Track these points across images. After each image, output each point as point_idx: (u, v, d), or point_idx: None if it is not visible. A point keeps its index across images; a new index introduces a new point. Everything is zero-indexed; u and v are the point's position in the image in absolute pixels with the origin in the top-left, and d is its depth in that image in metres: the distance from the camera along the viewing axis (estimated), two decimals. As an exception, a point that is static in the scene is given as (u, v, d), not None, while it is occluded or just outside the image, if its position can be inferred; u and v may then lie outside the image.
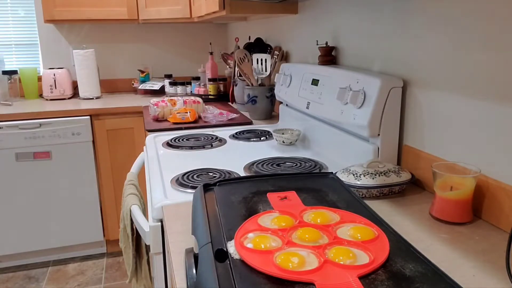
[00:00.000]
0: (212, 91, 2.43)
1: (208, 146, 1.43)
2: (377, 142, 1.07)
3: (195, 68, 2.91)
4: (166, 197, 0.99)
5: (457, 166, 0.86)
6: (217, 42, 2.98)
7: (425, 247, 0.73)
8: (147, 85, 2.75)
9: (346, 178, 0.95)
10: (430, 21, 0.96)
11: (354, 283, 0.50)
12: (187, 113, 1.81)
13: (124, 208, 1.27)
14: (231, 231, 0.63)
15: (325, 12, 1.49)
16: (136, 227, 1.17)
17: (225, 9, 1.61)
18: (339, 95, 1.16)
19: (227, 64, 2.46)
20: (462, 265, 0.68)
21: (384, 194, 0.95)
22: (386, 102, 1.03)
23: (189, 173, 1.13)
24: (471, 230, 0.80)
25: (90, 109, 2.27)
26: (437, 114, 0.96)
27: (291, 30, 1.83)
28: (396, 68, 1.10)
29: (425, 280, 0.52)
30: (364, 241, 0.60)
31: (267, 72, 1.79)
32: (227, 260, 0.56)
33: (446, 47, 0.92)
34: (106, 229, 2.45)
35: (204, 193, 0.78)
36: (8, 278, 2.27)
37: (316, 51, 1.45)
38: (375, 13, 1.18)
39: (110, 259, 2.46)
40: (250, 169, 1.16)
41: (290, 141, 1.42)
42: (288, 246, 0.59)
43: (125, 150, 2.37)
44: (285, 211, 0.70)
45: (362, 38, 1.26)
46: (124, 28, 2.89)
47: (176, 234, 0.82)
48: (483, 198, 0.84)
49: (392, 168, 0.97)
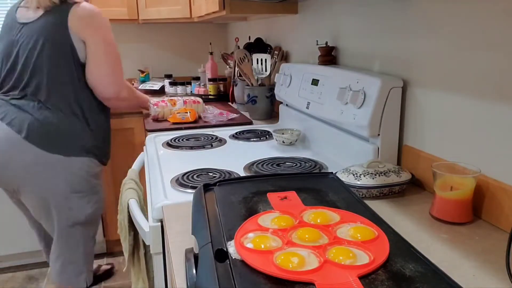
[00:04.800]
0: (212, 91, 2.43)
1: (208, 146, 1.43)
2: (377, 142, 1.07)
3: (195, 68, 2.91)
4: (166, 197, 0.99)
5: (457, 166, 0.86)
6: (217, 42, 2.98)
7: (425, 247, 0.73)
8: (147, 85, 2.75)
9: (346, 178, 0.95)
10: (430, 21, 0.96)
11: (354, 283, 0.50)
12: (187, 113, 1.81)
13: (122, 201, 1.28)
14: (231, 231, 0.63)
15: (325, 12, 1.49)
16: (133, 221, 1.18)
17: (225, 9, 1.61)
18: (339, 95, 1.16)
19: (227, 64, 2.46)
20: (462, 265, 0.68)
21: (384, 194, 0.95)
22: (386, 102, 1.03)
23: (189, 173, 1.13)
24: (471, 230, 0.80)
25: (90, 109, 2.27)
26: (437, 114, 0.96)
27: (291, 30, 1.83)
28: (396, 68, 1.10)
29: (425, 280, 0.52)
30: (364, 241, 0.60)
31: (267, 72, 1.79)
32: (227, 260, 0.56)
33: (446, 47, 0.92)
34: (106, 229, 2.45)
35: (204, 193, 0.78)
36: (8, 278, 2.27)
37: (316, 51, 1.45)
38: (375, 13, 1.18)
39: (110, 259, 2.46)
40: (250, 169, 1.16)
41: (290, 141, 1.42)
42: (288, 246, 0.59)
43: (125, 150, 2.37)
44: (285, 211, 0.70)
45: (362, 38, 1.26)
46: (124, 28, 2.88)
47: (176, 234, 0.82)
48: (483, 198, 0.84)
49: (392, 168, 0.97)
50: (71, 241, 1.60)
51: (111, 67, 1.57)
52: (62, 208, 1.55)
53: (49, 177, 1.50)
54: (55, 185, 1.51)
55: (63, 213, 1.55)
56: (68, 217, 1.56)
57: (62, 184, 1.52)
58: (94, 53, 1.53)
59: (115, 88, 1.59)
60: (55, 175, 1.50)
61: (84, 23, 1.50)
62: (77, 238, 1.61)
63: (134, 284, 1.34)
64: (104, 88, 1.57)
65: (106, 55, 1.55)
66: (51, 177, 1.50)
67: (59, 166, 1.50)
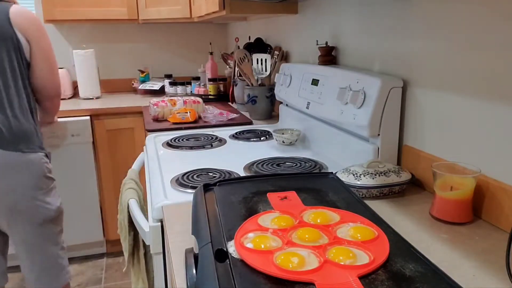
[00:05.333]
0: (212, 91, 2.43)
1: (208, 146, 1.43)
2: (377, 142, 1.07)
3: (195, 68, 2.91)
4: (166, 197, 0.99)
5: (457, 166, 0.86)
6: (217, 42, 2.98)
7: (425, 247, 0.73)
8: (147, 85, 2.75)
9: (346, 178, 0.95)
10: (430, 21, 0.96)
11: (354, 283, 0.50)
12: (187, 113, 1.81)
13: (122, 201, 1.28)
14: (231, 231, 0.63)
15: (325, 12, 1.49)
16: (133, 221, 1.18)
17: (225, 9, 1.61)
18: (339, 95, 1.16)
19: (227, 64, 2.46)
20: (462, 265, 0.68)
21: (384, 194, 0.95)
22: (386, 102, 1.03)
23: (189, 173, 1.13)
24: (471, 230, 0.80)
25: (90, 109, 2.27)
26: (437, 114, 0.96)
27: (291, 30, 1.83)
28: (396, 68, 1.10)
29: (425, 280, 0.52)
30: (364, 241, 0.60)
31: (267, 72, 1.79)
32: (227, 260, 0.56)
33: (446, 47, 0.92)
34: (106, 229, 2.45)
35: (204, 193, 0.78)
36: (8, 278, 2.27)
37: (316, 51, 1.45)
38: (375, 13, 1.18)
39: (110, 259, 2.46)
40: (250, 169, 1.16)
41: (290, 141, 1.42)
42: (288, 246, 0.59)
43: (125, 150, 2.37)
44: (285, 211, 0.70)
45: (362, 38, 1.26)
46: (124, 28, 2.89)
47: (176, 234, 0.82)
48: (483, 198, 0.84)
49: (392, 168, 0.97)
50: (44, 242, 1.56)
51: (56, 66, 1.60)
52: (30, 208, 1.50)
53: (16, 178, 1.45)
54: (21, 185, 1.46)
55: (31, 213, 1.50)
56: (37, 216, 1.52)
57: (28, 182, 1.47)
58: (44, 52, 1.53)
59: (59, 86, 1.63)
60: (20, 174, 1.46)
61: (28, 22, 1.48)
62: (50, 236, 1.57)
63: (134, 284, 1.34)
64: (54, 86, 1.59)
65: (53, 55, 1.59)
66: (17, 178, 1.45)
67: (22, 165, 1.46)
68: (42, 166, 1.51)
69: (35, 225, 1.53)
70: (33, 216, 1.51)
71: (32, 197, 1.50)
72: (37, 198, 1.51)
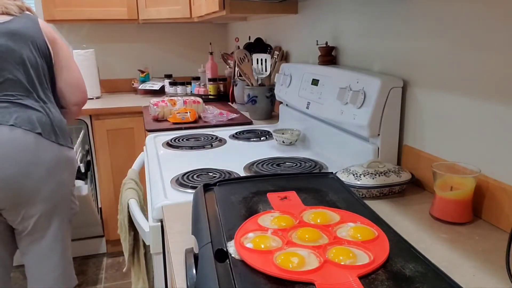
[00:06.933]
0: (212, 91, 2.43)
1: (208, 146, 1.43)
2: (377, 142, 1.07)
3: (195, 68, 2.91)
4: (166, 197, 0.99)
5: (457, 166, 0.86)
6: (217, 42, 2.98)
7: (425, 247, 0.73)
8: (147, 85, 2.75)
9: (346, 178, 0.95)
10: (430, 21, 0.96)
11: (354, 283, 0.50)
12: (187, 113, 1.81)
13: (122, 201, 1.28)
14: (231, 231, 0.63)
15: (325, 12, 1.49)
16: (133, 221, 1.18)
17: (225, 9, 1.61)
18: (339, 95, 1.16)
19: (227, 64, 2.46)
20: (462, 265, 0.68)
21: (384, 194, 0.95)
22: (386, 102, 1.03)
23: (189, 173, 1.13)
24: (471, 230, 0.80)
25: (90, 109, 2.27)
26: (437, 114, 0.96)
27: (291, 30, 1.83)
28: (396, 68, 1.10)
29: (425, 280, 0.52)
30: (364, 241, 0.60)
31: (267, 72, 1.79)
32: (227, 260, 0.56)
33: (446, 47, 0.92)
34: (106, 229, 2.45)
35: (204, 193, 0.78)
36: (8, 278, 2.27)
37: (316, 51, 1.45)
38: (375, 13, 1.18)
39: (110, 259, 2.46)
40: (250, 169, 1.16)
41: (290, 141, 1.42)
42: (288, 246, 0.59)
43: (125, 150, 2.37)
44: (285, 211, 0.70)
45: (362, 38, 1.26)
46: (124, 28, 2.89)
47: (176, 234, 0.82)
48: (483, 198, 0.84)
49: (392, 168, 0.97)
50: (67, 240, 1.56)
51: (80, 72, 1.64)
52: (66, 207, 1.49)
53: (61, 174, 1.44)
54: (63, 182, 1.45)
55: (66, 212, 1.50)
56: (70, 212, 1.52)
57: (69, 178, 1.48)
58: (68, 59, 1.58)
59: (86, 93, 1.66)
60: (63, 170, 1.45)
61: (50, 29, 1.55)
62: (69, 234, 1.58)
63: (134, 284, 1.34)
64: (81, 93, 1.62)
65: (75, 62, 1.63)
66: (62, 174, 1.44)
67: (65, 160, 1.45)
68: (76, 163, 1.56)
69: (65, 221, 1.53)
70: (68, 213, 1.53)
71: (71, 193, 1.53)
72: (72, 195, 1.54)
